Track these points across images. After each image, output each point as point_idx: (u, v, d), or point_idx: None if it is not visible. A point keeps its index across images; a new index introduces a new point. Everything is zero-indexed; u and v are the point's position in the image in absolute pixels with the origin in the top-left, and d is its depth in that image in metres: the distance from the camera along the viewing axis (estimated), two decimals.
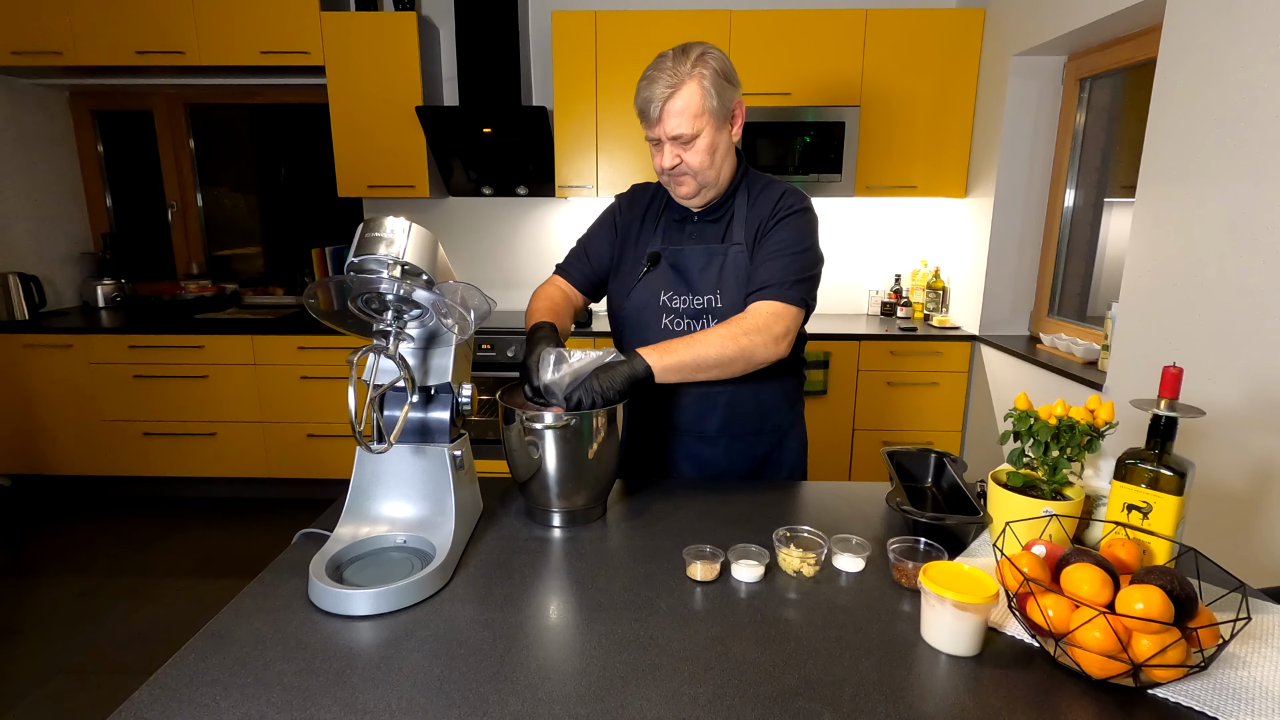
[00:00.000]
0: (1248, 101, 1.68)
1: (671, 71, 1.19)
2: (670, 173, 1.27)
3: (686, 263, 1.32)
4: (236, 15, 3.05)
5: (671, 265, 1.33)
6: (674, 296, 1.33)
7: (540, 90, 3.43)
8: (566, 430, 1.06)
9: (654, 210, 1.40)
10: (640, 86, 1.22)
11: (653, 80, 1.20)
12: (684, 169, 1.25)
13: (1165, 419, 0.91)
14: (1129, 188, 2.12)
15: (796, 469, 1.46)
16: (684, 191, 1.29)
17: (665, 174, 1.28)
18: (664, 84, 1.19)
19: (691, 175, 1.25)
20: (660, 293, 1.33)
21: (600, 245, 1.43)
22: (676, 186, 1.29)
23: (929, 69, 3.07)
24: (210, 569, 2.74)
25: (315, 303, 1.00)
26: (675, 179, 1.28)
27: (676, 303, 1.32)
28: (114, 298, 3.65)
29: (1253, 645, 0.82)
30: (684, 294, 1.32)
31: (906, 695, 0.74)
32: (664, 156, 1.24)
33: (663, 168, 1.26)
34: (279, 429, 3.25)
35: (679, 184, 1.28)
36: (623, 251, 1.40)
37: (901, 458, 1.28)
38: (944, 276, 3.41)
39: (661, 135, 1.22)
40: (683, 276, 1.32)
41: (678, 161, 1.24)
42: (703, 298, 1.31)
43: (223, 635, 0.83)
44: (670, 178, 1.29)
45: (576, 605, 0.91)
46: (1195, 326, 1.84)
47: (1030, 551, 0.84)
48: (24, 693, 2.02)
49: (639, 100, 1.23)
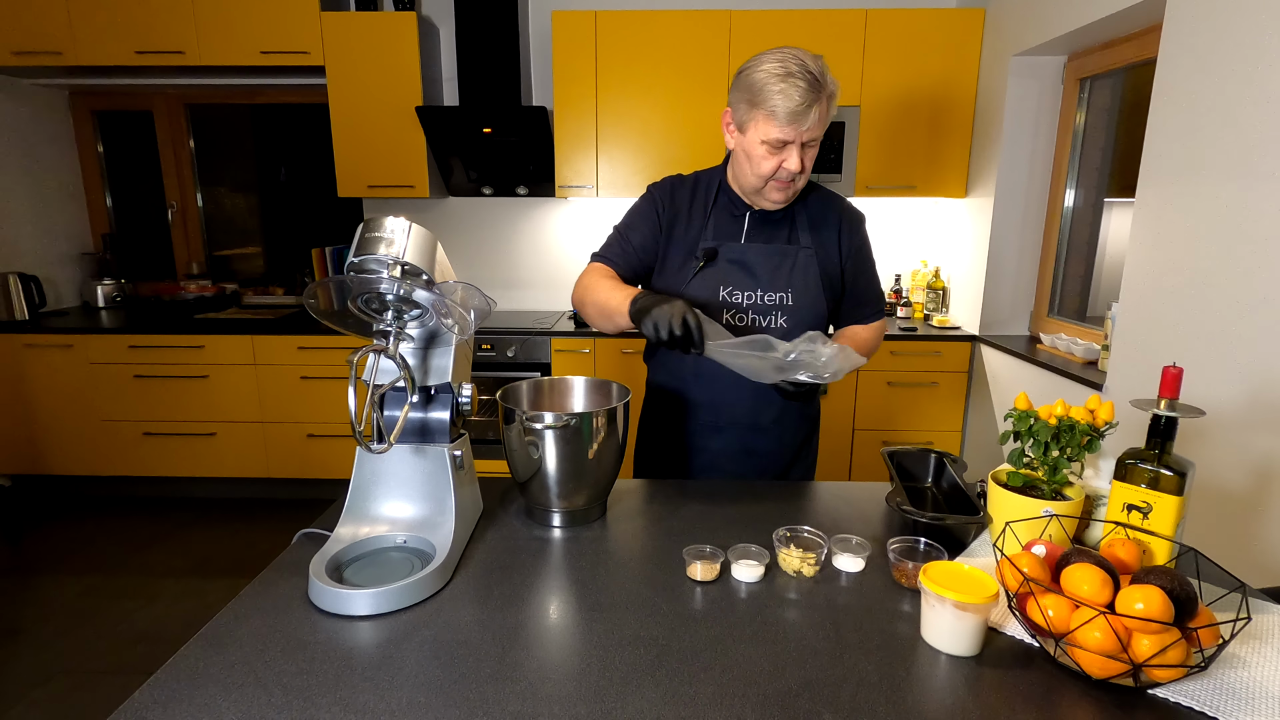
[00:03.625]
0: (1248, 101, 1.68)
1: (811, 75, 1.18)
2: (794, 176, 1.25)
3: (754, 260, 1.34)
4: (236, 15, 3.05)
5: (734, 261, 1.35)
6: (735, 291, 1.34)
7: (540, 90, 3.43)
8: (566, 430, 1.06)
9: (699, 204, 1.38)
10: (774, 88, 1.18)
11: (793, 79, 1.17)
12: (800, 173, 1.25)
13: (1165, 419, 0.91)
14: (1129, 188, 2.12)
15: (815, 457, 1.56)
16: (786, 195, 1.30)
17: (780, 178, 1.26)
18: (810, 88, 1.18)
19: (799, 179, 1.27)
20: (720, 288, 1.34)
21: (645, 235, 1.39)
22: (778, 191, 1.28)
23: (929, 69, 3.07)
24: (210, 569, 2.74)
25: (315, 303, 1.00)
26: (785, 183, 1.27)
27: (739, 298, 1.34)
28: (114, 298, 3.65)
29: (1253, 645, 0.82)
30: (750, 290, 1.34)
31: (906, 695, 0.74)
32: (793, 160, 1.23)
33: (791, 170, 1.24)
34: (279, 429, 3.25)
35: (784, 188, 1.28)
36: (668, 244, 1.39)
37: (901, 458, 1.28)
38: (944, 276, 3.41)
39: (797, 138, 1.21)
40: (749, 272, 1.34)
41: (801, 166, 1.23)
42: (774, 295, 1.34)
43: (223, 635, 0.83)
44: (781, 182, 1.27)
45: (576, 605, 0.91)
46: (1195, 326, 1.84)
47: (1030, 551, 0.84)
48: (24, 693, 2.02)
49: (779, 100, 1.18)
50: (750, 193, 1.32)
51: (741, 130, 1.27)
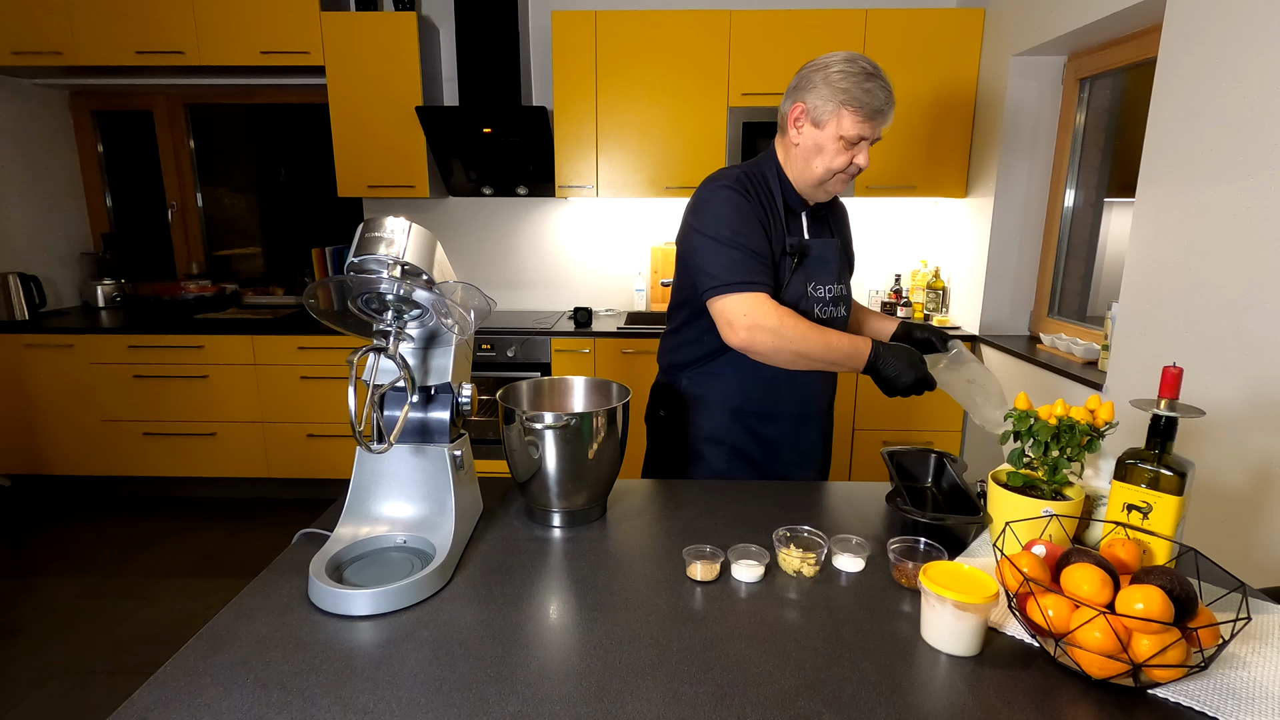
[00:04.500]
0: (1248, 101, 1.68)
1: (887, 82, 1.28)
2: (859, 171, 1.34)
3: (827, 254, 1.41)
4: (236, 15, 3.05)
5: (815, 257, 1.39)
6: (818, 286, 1.40)
7: (540, 90, 3.43)
8: (566, 430, 1.06)
9: (770, 203, 1.38)
10: (864, 86, 1.26)
11: (875, 79, 1.27)
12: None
13: (1165, 419, 0.91)
14: (1129, 188, 2.12)
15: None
16: (842, 189, 1.39)
17: (848, 173, 1.34)
18: (888, 91, 1.28)
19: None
20: (807, 284, 1.38)
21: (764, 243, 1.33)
22: (840, 184, 1.37)
23: (929, 69, 3.07)
24: (210, 569, 2.74)
25: (315, 303, 1.00)
26: (848, 178, 1.36)
27: (821, 291, 1.40)
28: (114, 298, 3.65)
29: (1253, 645, 0.82)
30: (828, 283, 1.41)
31: (906, 695, 0.74)
32: (864, 156, 1.31)
33: (861, 166, 1.32)
34: (279, 429, 3.25)
35: (845, 182, 1.37)
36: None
37: (901, 457, 1.29)
38: (944, 276, 3.41)
39: (872, 135, 1.30)
40: (825, 266, 1.41)
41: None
42: (842, 286, 1.44)
43: (223, 635, 0.83)
44: (846, 175, 1.35)
45: (576, 605, 0.91)
46: (1195, 326, 1.84)
47: (1030, 551, 0.84)
48: (24, 693, 2.02)
49: (867, 98, 1.26)
50: (812, 186, 1.36)
51: (818, 125, 1.31)
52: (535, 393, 1.25)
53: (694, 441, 1.47)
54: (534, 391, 1.25)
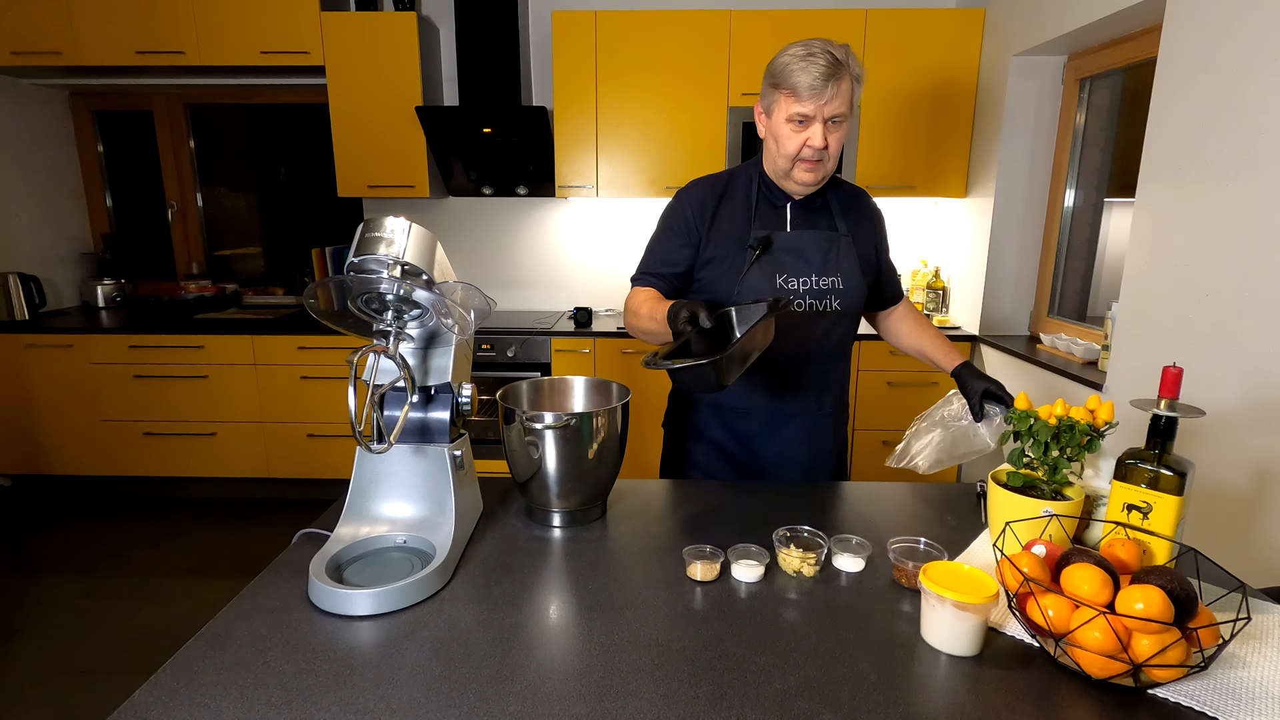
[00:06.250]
0: (1248, 101, 1.68)
1: (833, 55, 1.23)
2: (818, 153, 1.28)
3: (805, 246, 1.39)
4: (236, 15, 3.05)
5: (787, 249, 1.38)
6: (790, 278, 1.37)
7: (540, 90, 3.43)
8: (566, 430, 1.06)
9: (738, 198, 1.40)
10: (795, 66, 1.24)
11: (814, 58, 1.23)
12: (827, 152, 1.29)
13: (1165, 419, 0.91)
14: (1129, 188, 2.12)
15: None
16: (815, 176, 1.32)
17: (806, 156, 1.29)
18: (828, 64, 1.22)
19: (827, 159, 1.30)
20: (775, 275, 1.37)
21: (678, 250, 1.42)
22: (807, 171, 1.31)
23: (929, 69, 3.07)
24: (210, 569, 2.74)
25: (315, 303, 1.00)
26: (812, 163, 1.30)
27: (794, 284, 1.38)
28: (114, 298, 3.65)
29: (1253, 645, 0.82)
30: (805, 275, 1.38)
31: (906, 695, 0.74)
32: (816, 135, 1.27)
33: (814, 147, 1.27)
34: (279, 429, 3.25)
35: (812, 169, 1.31)
36: (711, 244, 1.40)
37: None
38: (944, 276, 3.41)
39: (818, 114, 1.25)
40: (803, 259, 1.38)
41: (826, 143, 1.27)
42: (827, 279, 1.39)
43: (223, 635, 0.83)
44: (807, 161, 1.30)
45: (576, 605, 0.91)
46: (1195, 326, 1.83)
47: (1030, 551, 0.84)
48: (24, 693, 2.02)
49: (799, 76, 1.23)
50: (782, 176, 1.36)
51: (768, 114, 1.33)
52: (535, 393, 1.25)
53: (683, 437, 1.52)
54: (534, 391, 1.25)
